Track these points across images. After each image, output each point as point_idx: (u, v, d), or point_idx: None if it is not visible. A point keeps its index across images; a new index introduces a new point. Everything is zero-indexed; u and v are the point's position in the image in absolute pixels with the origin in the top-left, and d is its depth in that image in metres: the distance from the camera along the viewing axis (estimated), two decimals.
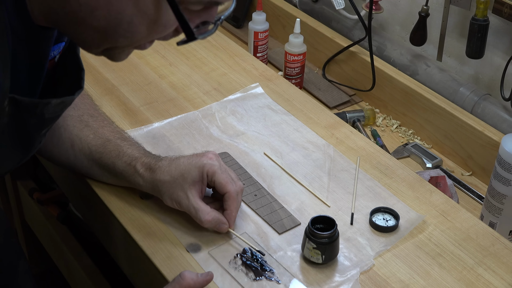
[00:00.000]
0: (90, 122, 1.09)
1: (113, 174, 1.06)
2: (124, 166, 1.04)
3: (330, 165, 1.16)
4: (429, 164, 1.32)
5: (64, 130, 1.07)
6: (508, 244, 1.02)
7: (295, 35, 1.48)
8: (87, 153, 1.07)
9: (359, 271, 0.96)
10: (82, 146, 1.07)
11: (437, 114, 1.35)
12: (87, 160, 1.07)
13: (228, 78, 1.38)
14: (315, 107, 1.32)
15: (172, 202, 1.00)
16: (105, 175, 1.07)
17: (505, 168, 1.08)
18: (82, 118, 1.09)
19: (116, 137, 1.08)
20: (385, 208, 1.06)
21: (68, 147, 1.07)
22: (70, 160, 1.08)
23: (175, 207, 1.01)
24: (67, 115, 1.08)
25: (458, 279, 0.97)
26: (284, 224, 1.03)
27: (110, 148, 1.06)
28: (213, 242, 1.00)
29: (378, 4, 1.46)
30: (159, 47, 1.47)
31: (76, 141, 1.07)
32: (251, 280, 0.94)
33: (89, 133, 1.07)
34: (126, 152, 1.05)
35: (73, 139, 1.07)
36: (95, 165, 1.07)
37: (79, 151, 1.07)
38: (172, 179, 0.99)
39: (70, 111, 1.08)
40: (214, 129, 1.24)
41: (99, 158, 1.06)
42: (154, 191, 1.02)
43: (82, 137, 1.07)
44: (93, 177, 1.10)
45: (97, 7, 0.70)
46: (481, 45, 1.29)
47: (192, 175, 0.99)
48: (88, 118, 1.10)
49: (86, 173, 1.10)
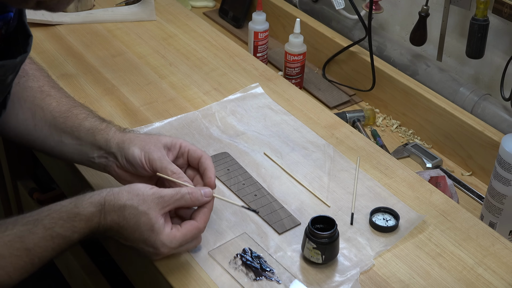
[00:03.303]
0: (52, 92, 1.07)
1: (75, 136, 1.02)
2: (94, 122, 1.03)
3: (330, 165, 1.16)
4: (429, 164, 1.32)
5: (24, 101, 1.05)
6: (508, 244, 1.02)
7: (295, 35, 1.48)
8: (49, 119, 1.04)
9: (359, 271, 0.96)
10: (44, 114, 1.04)
11: (437, 114, 1.35)
12: (48, 127, 1.04)
13: (228, 78, 1.38)
14: (315, 107, 1.32)
15: (141, 154, 0.98)
16: (64, 141, 1.03)
17: (505, 168, 1.08)
18: (43, 88, 1.07)
19: (81, 104, 1.07)
20: (385, 208, 1.06)
21: (28, 117, 1.04)
22: (29, 131, 1.04)
23: (142, 162, 0.98)
24: (27, 87, 1.06)
25: (458, 279, 0.97)
26: (284, 224, 1.03)
27: (77, 112, 1.04)
28: (213, 242, 1.00)
29: (378, 4, 1.46)
30: (159, 47, 1.47)
31: (37, 111, 1.04)
32: (251, 280, 0.94)
33: (52, 101, 1.05)
34: (96, 114, 1.05)
35: (34, 109, 1.04)
36: (56, 132, 1.03)
37: (40, 119, 1.04)
38: (147, 137, 1.01)
39: (29, 83, 1.06)
40: (214, 129, 1.24)
41: (63, 122, 1.03)
42: (118, 147, 1.00)
43: (44, 106, 1.05)
44: (46, 149, 1.06)
45: None
46: (481, 45, 1.29)
47: (166, 139, 1.01)
48: (50, 89, 1.08)
49: (42, 143, 1.05)
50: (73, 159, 1.05)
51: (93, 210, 0.89)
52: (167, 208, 0.92)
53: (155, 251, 0.92)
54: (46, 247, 0.87)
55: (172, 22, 1.57)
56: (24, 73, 1.07)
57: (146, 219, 0.90)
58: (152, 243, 0.91)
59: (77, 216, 0.89)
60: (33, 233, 0.87)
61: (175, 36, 1.52)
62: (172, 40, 1.50)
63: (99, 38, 1.50)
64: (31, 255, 0.87)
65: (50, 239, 0.87)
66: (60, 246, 0.89)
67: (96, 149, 1.02)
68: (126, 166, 1.00)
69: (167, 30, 1.54)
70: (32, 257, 0.87)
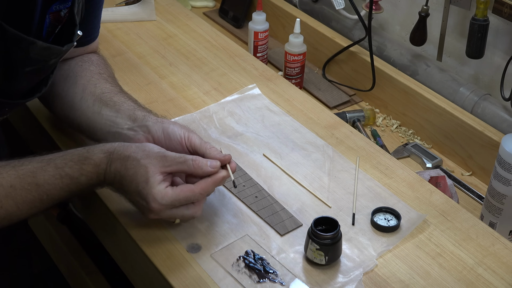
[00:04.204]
0: (109, 79, 1.14)
1: (115, 109, 1.07)
2: (139, 106, 1.08)
3: (330, 166, 1.16)
4: (429, 164, 1.32)
5: (81, 78, 1.12)
6: (508, 244, 1.03)
7: (295, 35, 1.48)
8: (97, 93, 1.10)
9: (362, 272, 0.96)
10: (95, 89, 1.10)
11: (437, 114, 1.36)
12: (93, 99, 1.09)
13: (228, 78, 1.38)
14: (315, 107, 1.32)
15: (181, 132, 1.01)
16: (102, 112, 1.08)
17: (505, 168, 1.08)
18: (102, 75, 1.14)
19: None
20: (386, 208, 1.06)
21: (78, 91, 1.11)
22: (74, 103, 1.10)
23: (181, 138, 1.01)
24: (86, 68, 1.14)
25: (458, 279, 0.97)
26: (286, 226, 1.03)
27: (126, 96, 1.10)
28: (215, 244, 1.00)
29: (378, 4, 1.46)
30: (159, 47, 1.47)
31: (89, 86, 1.11)
32: (254, 282, 0.94)
33: (106, 85, 1.12)
34: (138, 101, 1.11)
35: (87, 84, 1.11)
36: (98, 103, 1.08)
37: (89, 93, 1.10)
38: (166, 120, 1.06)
39: (91, 67, 1.14)
40: (212, 130, 1.24)
41: (109, 98, 1.09)
42: (157, 121, 1.04)
43: (98, 84, 1.12)
44: (82, 120, 1.10)
45: None
46: (481, 45, 1.29)
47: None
48: (107, 77, 1.15)
49: (80, 114, 1.10)
50: (102, 130, 1.08)
51: (101, 156, 0.95)
52: (168, 169, 0.94)
53: (147, 205, 0.93)
54: (55, 185, 0.93)
55: (172, 22, 1.57)
56: (89, 60, 1.16)
57: (144, 171, 0.93)
58: (145, 196, 0.93)
59: (87, 160, 0.95)
60: (45, 170, 0.93)
61: (175, 36, 1.52)
62: (172, 40, 1.50)
63: (99, 38, 1.50)
64: (40, 190, 0.93)
65: (59, 177, 0.93)
66: (69, 186, 0.94)
67: (130, 121, 1.06)
68: (160, 138, 1.03)
69: (167, 30, 1.54)
70: (40, 192, 0.93)
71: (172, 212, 0.95)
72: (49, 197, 0.94)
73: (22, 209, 0.92)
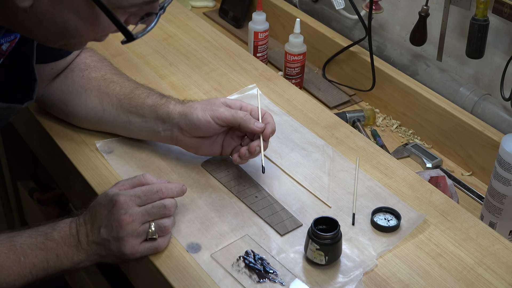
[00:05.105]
0: (114, 78, 1.18)
1: (140, 114, 1.12)
2: (155, 99, 1.12)
3: (330, 166, 1.16)
4: (429, 164, 1.32)
5: (91, 91, 1.16)
6: (508, 244, 1.03)
7: (295, 35, 1.48)
8: (115, 103, 1.14)
9: (362, 272, 0.96)
10: (110, 99, 1.15)
11: (437, 114, 1.36)
12: (115, 110, 1.14)
13: (228, 78, 1.38)
14: (315, 107, 1.32)
15: (205, 115, 1.05)
16: (131, 120, 1.13)
17: (505, 168, 1.08)
18: (105, 77, 1.18)
19: (142, 85, 1.17)
20: (386, 208, 1.06)
21: (96, 105, 1.15)
22: (99, 116, 1.16)
23: (208, 122, 1.05)
24: (90, 78, 1.17)
25: (458, 279, 0.97)
26: (286, 226, 1.03)
27: (139, 92, 1.14)
28: (215, 244, 1.00)
29: (378, 4, 1.46)
30: (159, 47, 1.47)
31: (103, 98, 1.15)
32: (254, 283, 0.94)
33: (115, 87, 1.16)
34: (156, 92, 1.15)
35: (101, 96, 1.15)
36: (122, 112, 1.13)
37: (108, 104, 1.15)
38: (205, 101, 1.10)
39: (92, 74, 1.18)
40: None
41: (128, 103, 1.13)
42: (180, 116, 1.08)
43: (109, 92, 1.15)
44: (117, 130, 1.16)
45: (43, 19, 0.82)
46: (481, 45, 1.29)
47: (224, 99, 1.10)
48: (112, 76, 1.18)
49: (112, 125, 1.16)
50: (142, 135, 1.15)
51: (67, 221, 1.00)
52: (125, 186, 1.00)
53: (119, 220, 0.94)
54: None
55: (172, 22, 1.57)
56: (86, 66, 1.19)
57: (104, 204, 0.98)
58: (113, 213, 0.95)
59: (56, 225, 1.00)
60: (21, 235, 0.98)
61: (175, 36, 1.52)
62: (172, 40, 1.50)
63: None
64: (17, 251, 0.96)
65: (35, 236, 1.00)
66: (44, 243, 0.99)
67: (161, 123, 1.11)
68: (192, 131, 1.08)
69: (167, 30, 1.54)
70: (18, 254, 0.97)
71: (144, 216, 0.96)
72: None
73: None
